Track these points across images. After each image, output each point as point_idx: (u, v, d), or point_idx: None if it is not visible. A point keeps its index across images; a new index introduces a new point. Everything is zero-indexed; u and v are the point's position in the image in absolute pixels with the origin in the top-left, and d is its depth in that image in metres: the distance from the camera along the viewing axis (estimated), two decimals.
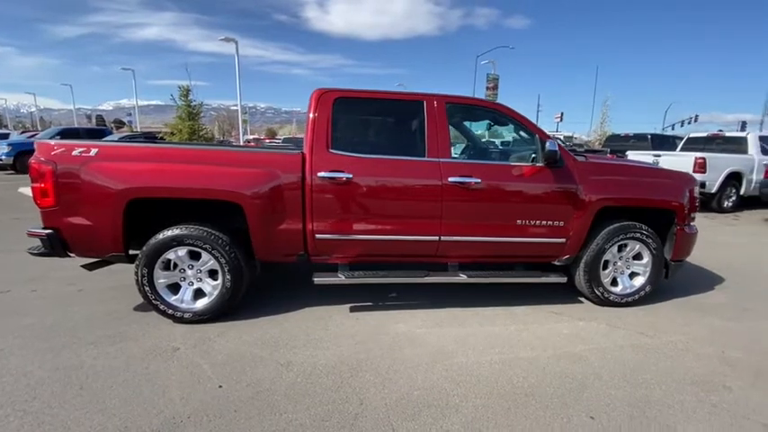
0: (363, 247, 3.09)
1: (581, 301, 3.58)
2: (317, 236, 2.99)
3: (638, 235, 3.34)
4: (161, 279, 2.93)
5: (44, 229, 2.80)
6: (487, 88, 25.73)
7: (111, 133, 13.96)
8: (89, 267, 3.10)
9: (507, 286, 3.56)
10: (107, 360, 2.50)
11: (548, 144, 2.99)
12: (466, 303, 3.45)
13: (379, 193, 3.00)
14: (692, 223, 3.49)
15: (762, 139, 8.72)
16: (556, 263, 3.40)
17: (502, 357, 2.63)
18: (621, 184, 3.32)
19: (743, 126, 28.04)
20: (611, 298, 3.41)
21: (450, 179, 3.03)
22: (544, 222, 3.20)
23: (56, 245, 2.80)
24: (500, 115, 3.32)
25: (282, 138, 23.83)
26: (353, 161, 2.96)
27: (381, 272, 3.19)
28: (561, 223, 3.22)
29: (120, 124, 54.30)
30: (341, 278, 3.08)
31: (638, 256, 3.44)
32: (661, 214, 3.42)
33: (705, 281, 4.17)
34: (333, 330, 2.97)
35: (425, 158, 3.05)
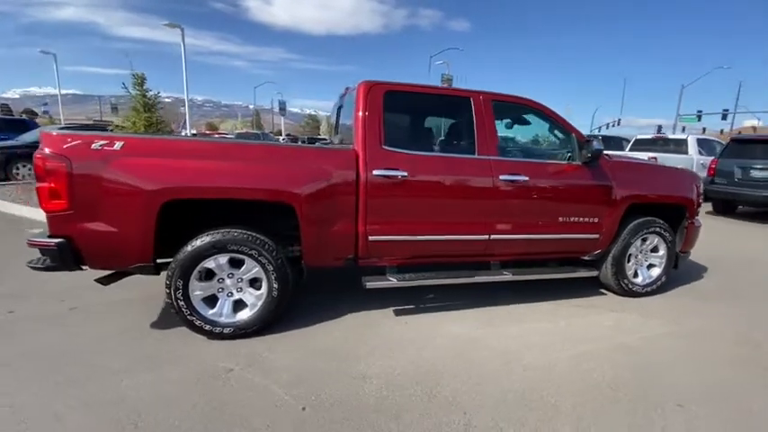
0: (416, 248, 2.97)
1: (602, 293, 3.76)
2: (371, 238, 2.81)
3: (657, 229, 3.58)
4: (197, 291, 2.58)
5: (52, 237, 2.32)
6: None
7: (36, 126, 12.00)
8: (105, 281, 2.64)
9: (529, 283, 3.57)
10: (153, 389, 2.14)
11: (594, 143, 3.09)
12: (502, 301, 3.46)
13: (434, 193, 2.90)
14: (697, 217, 3.82)
15: (699, 141, 9.88)
16: (586, 257, 3.54)
17: (568, 353, 2.67)
18: (645, 181, 3.54)
19: (659, 129, 31.58)
20: (634, 289, 3.63)
21: (501, 177, 3.01)
22: (582, 219, 3.31)
23: (67, 256, 2.33)
24: (538, 113, 3.36)
25: (235, 132, 22.46)
26: (409, 159, 2.83)
27: (430, 273, 3.09)
28: (596, 219, 3.35)
29: (32, 115, 47.51)
30: (393, 281, 2.93)
31: (654, 249, 3.69)
32: (672, 209, 3.70)
33: (686, 269, 4.50)
34: (387, 337, 2.82)
35: (477, 156, 3.00)
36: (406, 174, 2.78)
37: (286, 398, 2.11)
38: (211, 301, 2.66)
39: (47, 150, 2.25)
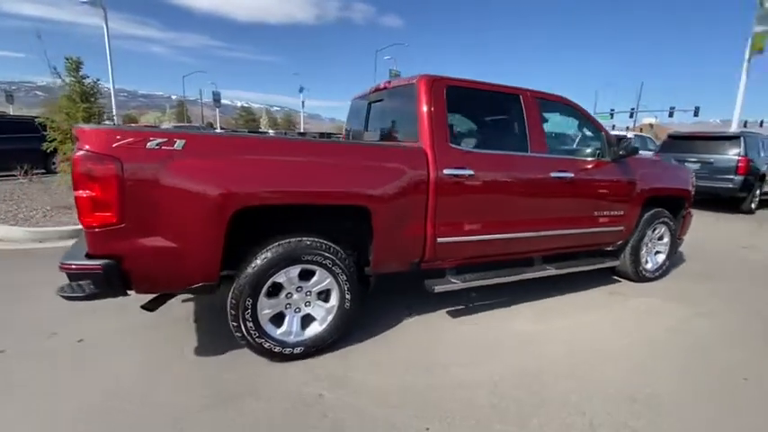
0: (478, 248, 2.91)
1: (617, 281, 4.03)
2: (439, 239, 2.69)
3: (664, 219, 3.93)
4: (266, 310, 2.27)
5: (95, 258, 1.87)
6: None
7: None
8: (152, 306, 2.20)
9: (552, 276, 3.62)
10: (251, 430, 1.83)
11: (631, 142, 3.27)
12: (536, 296, 3.50)
13: (497, 191, 2.86)
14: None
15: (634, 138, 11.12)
16: (609, 248, 3.77)
17: (631, 340, 2.82)
18: (659, 176, 3.85)
19: None
20: (646, 275, 3.95)
21: (552, 174, 3.07)
22: (612, 212, 3.50)
23: (115, 281, 1.89)
24: (573, 112, 3.47)
25: (172, 125, 20.38)
26: (474, 157, 2.75)
27: (488, 273, 3.06)
28: (622, 212, 3.57)
29: None
30: (458, 284, 2.84)
31: (660, 237, 4.04)
32: (674, 200, 4.07)
33: None
34: (458, 340, 2.73)
35: (531, 154, 3.01)
36: (472, 172, 2.70)
37: (404, 420, 1.94)
38: (278, 319, 2.36)
39: (89, 150, 1.79)
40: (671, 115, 42.63)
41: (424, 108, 2.65)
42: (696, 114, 41.16)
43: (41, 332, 2.63)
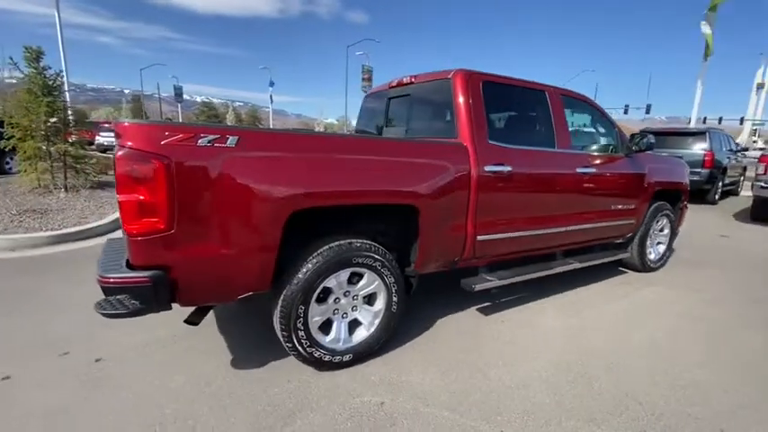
0: (512, 244, 2.90)
1: (622, 272, 4.18)
2: (479, 237, 2.65)
3: (667, 211, 4.11)
4: (316, 317, 2.14)
5: (142, 269, 1.67)
6: (363, 79, 26.29)
7: None
8: (195, 320, 2.00)
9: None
10: None
11: (648, 137, 3.38)
12: (554, 290, 3.56)
13: (531, 187, 2.87)
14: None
15: None
16: (620, 240, 3.90)
17: (660, 327, 2.94)
18: (664, 170, 4.01)
19: None
20: (651, 265, 4.12)
21: (578, 169, 3.11)
22: (626, 206, 3.62)
23: (162, 294, 1.70)
24: (591, 109, 3.54)
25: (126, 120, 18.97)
26: (510, 153, 2.73)
27: (520, 269, 3.06)
28: (634, 205, 3.70)
29: None
30: (495, 281, 2.82)
31: (661, 229, 4.24)
32: (673, 193, 4.27)
33: None
34: (496, 338, 2.71)
35: (559, 150, 3.04)
36: (510, 169, 2.68)
37: (475, 425, 1.89)
38: (325, 326, 2.23)
39: (133, 148, 1.59)
40: (626, 112, 45.16)
41: (463, 103, 2.59)
42: (648, 112, 43.96)
43: (50, 351, 2.35)
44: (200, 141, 1.68)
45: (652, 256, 4.17)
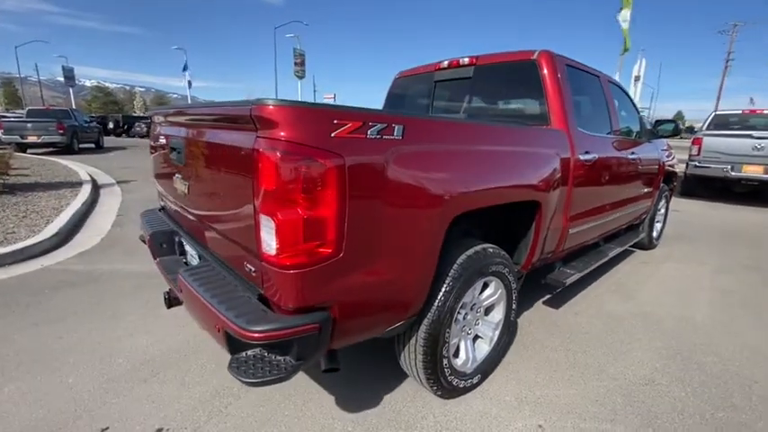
0: (588, 234, 2.83)
1: (631, 251, 4.43)
2: (571, 230, 2.52)
3: (666, 192, 4.44)
4: (454, 339, 1.82)
5: (301, 312, 1.19)
6: (295, 63, 24.78)
7: None
8: (337, 366, 1.53)
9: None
10: None
11: (676, 124, 3.53)
12: (594, 275, 3.62)
13: (606, 174, 2.79)
14: None
15: None
16: (636, 222, 4.10)
17: (698, 300, 3.12)
18: (666, 154, 4.28)
19: None
20: (654, 243, 4.43)
21: (628, 156, 3.14)
22: (650, 188, 3.80)
23: (325, 342, 1.25)
24: (623, 94, 3.58)
25: (27, 109, 15.58)
26: (592, 140, 2.62)
27: (586, 258, 3.02)
28: (652, 188, 3.90)
29: None
30: (576, 273, 2.72)
31: (660, 209, 4.57)
32: (670, 175, 4.59)
33: None
34: (581, 332, 2.63)
35: (615, 136, 3.02)
36: (596, 156, 2.58)
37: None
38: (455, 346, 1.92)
39: (292, 141, 1.10)
40: None
41: (557, 87, 2.39)
42: None
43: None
44: (369, 132, 1.24)
45: (654, 234, 4.49)
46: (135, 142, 22.50)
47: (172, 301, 1.84)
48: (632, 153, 3.24)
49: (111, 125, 27.11)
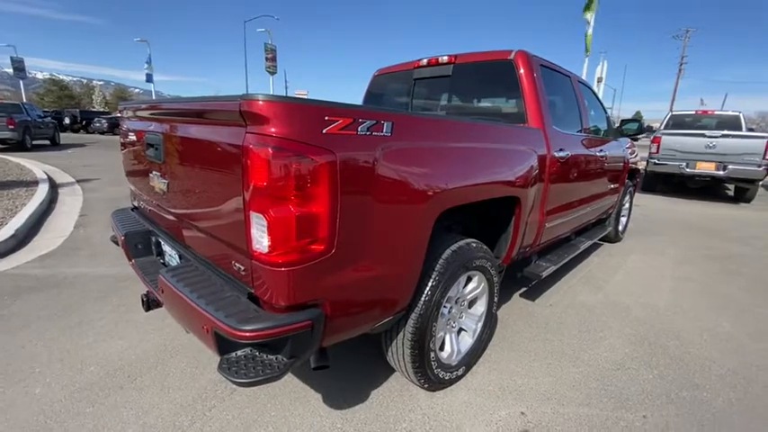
0: (561, 228, 2.95)
1: (599, 245, 4.66)
2: (547, 224, 2.62)
3: (630, 188, 4.68)
4: (440, 332, 1.85)
5: (293, 310, 1.18)
6: (267, 59, 24.16)
7: None
8: (327, 363, 1.51)
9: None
10: None
11: (640, 123, 3.72)
12: (564, 268, 3.77)
13: (578, 170, 2.90)
14: None
15: None
16: (603, 217, 4.31)
17: (667, 289, 3.30)
18: (630, 152, 4.51)
19: None
20: (620, 236, 4.67)
21: (597, 152, 3.29)
22: (616, 184, 3.99)
23: (317, 340, 1.25)
24: (591, 94, 3.74)
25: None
26: (565, 137, 2.72)
27: (559, 251, 3.14)
28: (619, 184, 4.10)
29: None
30: (551, 267, 2.83)
31: (625, 204, 4.81)
32: (633, 171, 4.84)
33: None
34: (558, 323, 2.74)
35: (584, 134, 3.15)
36: (569, 153, 2.69)
37: (624, 416, 1.86)
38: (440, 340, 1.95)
39: (282, 137, 1.08)
40: None
41: (532, 87, 2.48)
42: None
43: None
44: (360, 129, 1.24)
45: (620, 228, 4.73)
46: (95, 139, 21.33)
47: (150, 304, 1.77)
48: (601, 151, 3.39)
49: (67, 121, 25.50)
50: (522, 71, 2.49)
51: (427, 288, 1.67)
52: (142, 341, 2.33)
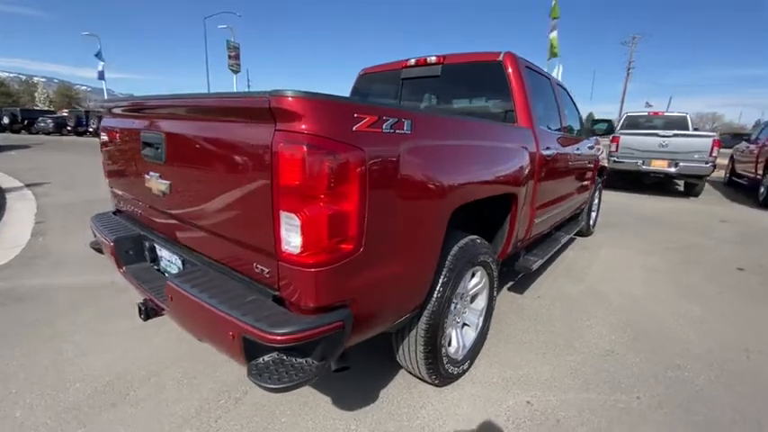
0: (547, 223, 3.07)
1: (572, 238, 4.89)
2: (536, 219, 2.72)
3: (600, 185, 4.96)
4: (449, 328, 1.88)
5: (325, 310, 1.16)
6: (230, 57, 23.30)
7: None
8: (347, 365, 1.47)
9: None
10: None
11: (610, 123, 3.94)
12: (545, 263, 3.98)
13: (561, 168, 3.04)
14: None
15: None
16: (577, 212, 4.53)
17: (641, 279, 3.52)
18: (598, 151, 4.77)
19: None
20: (591, 230, 4.93)
21: (575, 151, 3.46)
22: (589, 181, 4.20)
23: (345, 340, 1.23)
24: (566, 94, 3.91)
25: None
26: (549, 136, 2.84)
27: (544, 246, 3.26)
28: (591, 180, 4.33)
29: None
30: (539, 260, 2.94)
31: (595, 199, 5.09)
32: (602, 169, 5.13)
33: None
34: (547, 315, 2.86)
35: (563, 133, 3.30)
36: (555, 151, 2.81)
37: (621, 398, 1.97)
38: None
39: (315, 134, 1.05)
40: None
41: (521, 88, 2.56)
42: None
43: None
44: (384, 127, 1.23)
45: (591, 222, 5.00)
46: (39, 139, 19.76)
47: (149, 313, 1.66)
48: (577, 149, 3.57)
49: (6, 120, 23.43)
50: (510, 71, 2.57)
51: (439, 285, 1.69)
52: (129, 352, 2.19)
